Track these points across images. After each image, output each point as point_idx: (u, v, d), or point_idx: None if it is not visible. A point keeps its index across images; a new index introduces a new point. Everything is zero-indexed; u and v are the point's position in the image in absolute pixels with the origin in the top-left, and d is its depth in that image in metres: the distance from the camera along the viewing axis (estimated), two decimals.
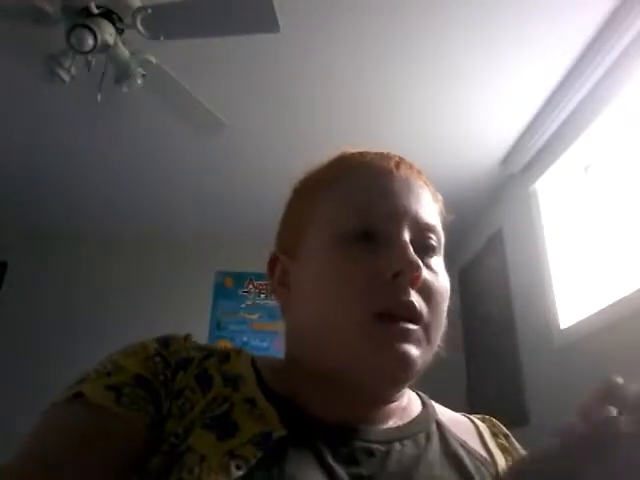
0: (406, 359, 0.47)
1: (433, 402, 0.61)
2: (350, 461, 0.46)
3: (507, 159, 2.78)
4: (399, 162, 0.59)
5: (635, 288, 1.87)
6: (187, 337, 0.55)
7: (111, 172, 3.08)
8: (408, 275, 0.48)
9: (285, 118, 2.56)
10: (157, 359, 0.50)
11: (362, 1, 1.92)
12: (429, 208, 0.56)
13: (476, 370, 3.24)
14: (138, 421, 0.46)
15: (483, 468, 0.52)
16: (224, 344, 3.58)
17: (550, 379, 2.39)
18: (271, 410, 0.48)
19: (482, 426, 0.60)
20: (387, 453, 0.48)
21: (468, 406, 3.16)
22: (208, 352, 0.54)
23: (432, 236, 0.54)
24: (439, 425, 0.56)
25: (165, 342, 0.53)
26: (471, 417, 0.62)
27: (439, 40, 2.07)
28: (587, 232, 2.38)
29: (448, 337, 0.62)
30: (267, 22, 1.72)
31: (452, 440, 0.54)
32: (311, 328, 0.51)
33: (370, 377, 0.48)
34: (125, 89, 2.01)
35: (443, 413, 0.59)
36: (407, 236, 0.51)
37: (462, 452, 0.53)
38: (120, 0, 1.82)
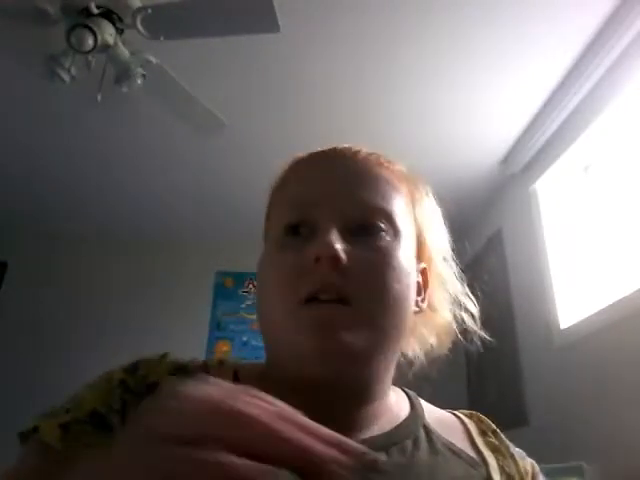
0: (337, 341, 0.46)
1: (422, 401, 0.60)
2: None
3: (507, 159, 2.78)
4: (344, 152, 0.57)
5: (635, 288, 1.87)
6: (163, 357, 0.53)
7: (111, 172, 3.08)
8: (325, 258, 0.47)
9: (285, 118, 2.56)
10: (118, 390, 0.49)
11: (362, 1, 1.92)
12: (374, 190, 0.53)
13: (476, 370, 3.24)
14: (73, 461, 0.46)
15: (473, 471, 0.52)
16: (223, 346, 3.58)
17: (550, 379, 2.39)
18: None
19: (470, 424, 0.59)
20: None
21: (468, 406, 3.16)
22: (185, 375, 0.51)
23: (372, 216, 0.51)
24: (427, 429, 0.55)
25: (134, 368, 0.52)
26: (459, 414, 0.61)
27: (439, 40, 2.07)
28: (587, 232, 2.38)
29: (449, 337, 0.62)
30: (267, 22, 1.73)
31: (440, 445, 0.53)
32: (261, 327, 0.52)
33: (309, 366, 0.47)
34: (125, 89, 2.01)
35: (431, 413, 0.58)
36: (333, 221, 0.50)
37: (451, 459, 0.52)
38: (120, 0, 1.82)
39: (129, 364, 0.52)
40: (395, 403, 0.56)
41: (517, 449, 0.59)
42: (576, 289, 2.36)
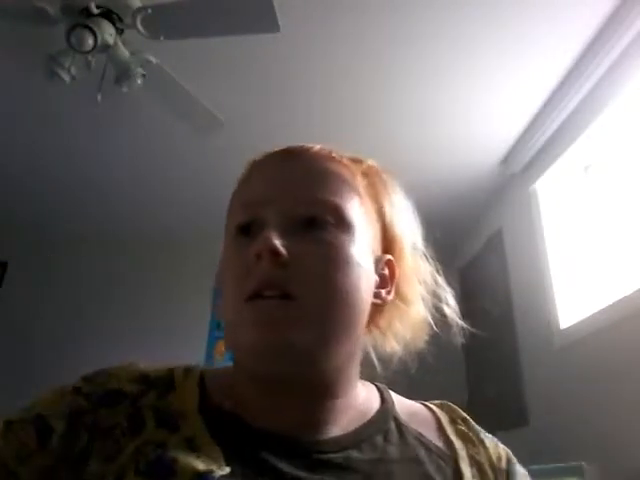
0: (279, 337, 0.46)
1: (393, 394, 0.60)
2: (306, 478, 0.46)
3: (507, 159, 2.78)
4: (294, 150, 0.57)
5: (635, 288, 1.87)
6: (128, 366, 0.54)
7: (111, 172, 3.08)
8: (264, 254, 0.47)
9: (285, 118, 2.56)
10: (69, 397, 0.50)
11: (362, 1, 1.92)
12: (321, 185, 0.53)
13: (476, 370, 3.24)
14: (8, 457, 0.46)
15: (443, 464, 0.52)
16: (223, 346, 3.58)
17: (550, 379, 2.39)
18: (212, 447, 0.46)
19: (440, 414, 0.59)
20: (344, 462, 0.48)
21: (468, 406, 3.15)
22: (147, 385, 0.52)
23: (318, 211, 0.51)
24: (397, 422, 0.55)
25: (94, 375, 0.52)
26: (429, 405, 0.61)
27: (439, 40, 2.07)
28: (587, 232, 2.38)
29: (448, 337, 0.62)
30: (267, 22, 1.73)
31: (411, 439, 0.53)
32: (224, 327, 0.53)
33: (257, 363, 0.48)
34: (125, 89, 2.01)
35: (402, 405, 0.58)
36: (277, 218, 0.50)
37: (422, 453, 0.52)
38: (120, 0, 1.82)
39: (90, 372, 0.53)
40: (365, 399, 0.56)
41: (489, 435, 0.59)
42: (576, 289, 2.36)
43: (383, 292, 0.56)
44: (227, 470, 0.44)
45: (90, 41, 1.75)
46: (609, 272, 2.18)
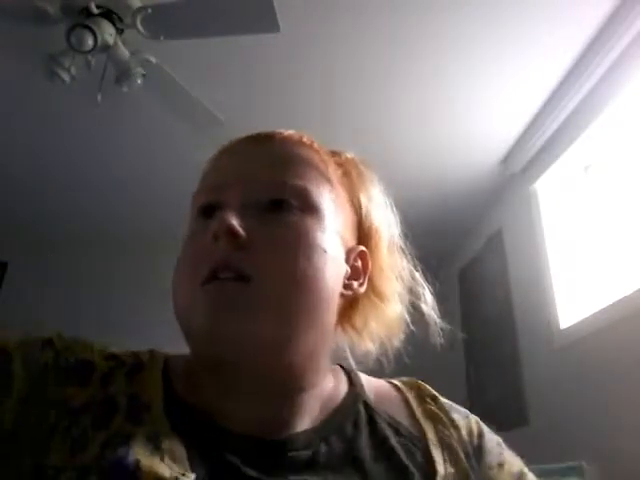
0: (233, 321, 0.43)
1: (362, 376, 0.58)
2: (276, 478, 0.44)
3: (507, 159, 2.78)
4: (263, 135, 0.55)
5: (635, 288, 1.87)
6: (95, 343, 0.51)
7: (111, 172, 3.08)
8: (221, 234, 0.45)
9: (285, 118, 2.55)
10: (39, 343, 0.47)
11: (362, 1, 1.92)
12: (287, 168, 0.51)
13: (476, 370, 3.24)
14: None
15: (414, 448, 0.50)
16: None
17: (550, 379, 2.39)
18: (177, 447, 0.43)
19: (408, 392, 0.57)
20: (312, 460, 0.46)
21: (468, 406, 3.15)
22: (117, 363, 0.49)
23: (282, 193, 0.49)
24: (367, 406, 0.53)
25: (69, 338, 0.50)
26: (397, 384, 0.59)
27: (439, 40, 2.07)
28: (587, 232, 2.38)
29: (448, 337, 0.62)
30: (267, 22, 1.73)
31: (381, 423, 0.51)
32: (174, 313, 0.50)
33: (212, 350, 0.45)
34: (125, 89, 2.01)
35: (370, 387, 0.56)
36: (237, 200, 0.48)
37: (392, 438, 0.50)
38: (120, 0, 1.82)
39: (68, 335, 0.50)
40: (333, 388, 0.53)
41: (460, 410, 0.57)
42: (576, 289, 2.36)
43: (355, 284, 0.53)
44: (192, 477, 0.41)
45: (90, 41, 1.75)
46: (609, 272, 2.18)
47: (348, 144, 0.62)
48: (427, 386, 0.59)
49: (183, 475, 0.40)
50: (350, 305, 0.56)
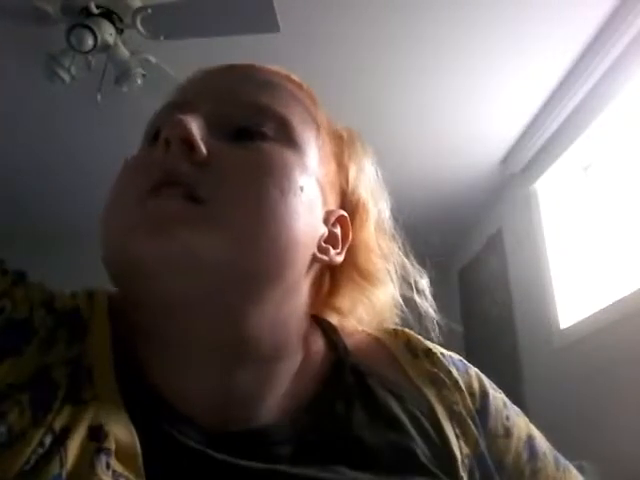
0: (176, 240, 0.34)
1: (340, 329, 0.49)
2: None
3: (507, 159, 2.78)
4: (246, 63, 0.47)
5: (635, 288, 1.87)
6: (40, 285, 0.39)
7: (111, 172, 3.07)
8: (173, 140, 0.36)
9: None
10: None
11: (362, 1, 1.92)
12: (272, 94, 0.43)
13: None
14: None
15: (424, 420, 0.42)
16: None
17: (550, 379, 2.39)
18: (126, 436, 0.32)
19: (395, 347, 0.48)
20: (299, 451, 0.37)
21: None
22: (55, 320, 0.37)
23: (257, 117, 0.41)
24: (357, 373, 0.43)
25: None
26: (379, 336, 0.50)
27: (439, 40, 2.07)
28: (587, 232, 2.38)
29: (448, 337, 0.60)
30: (267, 22, 1.73)
31: (378, 390, 0.42)
32: (100, 240, 0.39)
33: (149, 279, 0.35)
34: (125, 89, 2.01)
35: (354, 346, 0.47)
36: (197, 113, 0.39)
37: (394, 406, 0.41)
38: (120, 0, 1.82)
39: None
40: (307, 357, 0.44)
41: (456, 360, 0.49)
42: (576, 289, 2.36)
43: (332, 250, 0.44)
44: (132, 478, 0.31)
45: (90, 41, 1.75)
46: (609, 272, 2.18)
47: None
48: (418, 337, 0.50)
49: (126, 478, 0.31)
50: (330, 288, 0.49)
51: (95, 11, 1.77)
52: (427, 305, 0.51)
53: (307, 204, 0.41)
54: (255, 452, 0.36)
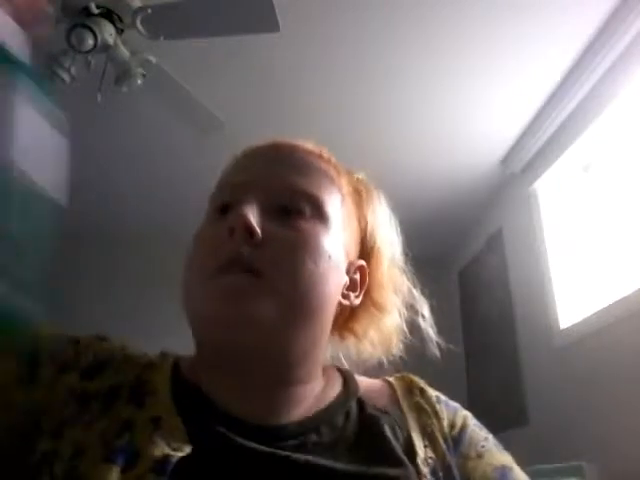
0: (242, 307, 0.47)
1: (358, 377, 0.60)
2: (261, 464, 0.46)
3: (507, 159, 2.78)
4: (284, 143, 0.58)
5: (635, 288, 1.87)
6: (103, 338, 0.55)
7: (111, 172, 3.08)
8: (237, 229, 0.48)
9: (285, 118, 2.56)
10: (65, 338, 0.52)
11: (362, 1, 1.92)
12: (305, 176, 0.54)
13: (476, 370, 3.24)
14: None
15: (398, 430, 0.52)
16: None
17: (550, 379, 2.39)
18: (177, 425, 0.46)
19: (397, 386, 0.59)
20: (302, 446, 0.48)
21: (468, 406, 3.15)
22: (131, 363, 0.52)
23: (297, 198, 0.52)
24: (361, 402, 0.55)
25: (88, 338, 0.54)
26: (390, 380, 0.61)
27: (439, 40, 2.07)
28: (587, 232, 2.38)
29: (448, 337, 0.62)
30: (267, 22, 1.73)
31: (370, 410, 0.53)
32: (182, 303, 0.52)
33: (217, 332, 0.48)
34: (125, 89, 2.01)
35: (364, 386, 0.58)
36: (255, 199, 0.51)
37: (381, 419, 0.52)
38: (120, 0, 1.82)
39: (96, 335, 0.55)
40: (326, 388, 0.56)
41: (450, 404, 0.58)
42: (576, 289, 2.36)
43: (352, 295, 0.57)
44: (187, 450, 0.44)
45: (90, 41, 1.75)
46: (609, 272, 2.18)
47: (348, 143, 0.63)
48: (418, 380, 0.60)
49: (180, 449, 0.43)
50: (349, 316, 0.60)
51: (95, 11, 1.77)
52: (430, 330, 0.64)
53: (334, 266, 0.53)
54: (270, 442, 0.47)
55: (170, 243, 3.83)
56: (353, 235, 0.58)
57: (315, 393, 0.54)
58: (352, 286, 0.57)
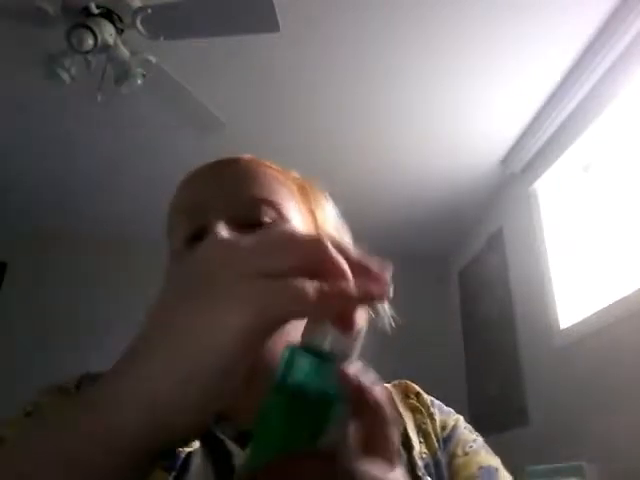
0: None
1: None
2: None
3: (507, 159, 2.78)
4: (228, 160, 0.61)
5: (635, 288, 1.87)
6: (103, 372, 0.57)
7: (111, 172, 3.08)
8: None
9: (285, 118, 2.56)
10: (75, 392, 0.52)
11: (362, 1, 1.92)
12: (259, 185, 0.56)
13: (476, 370, 3.24)
14: None
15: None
16: None
17: (550, 379, 2.39)
18: None
19: (393, 391, 0.61)
20: None
21: (468, 406, 3.16)
22: None
23: (259, 209, 0.54)
24: None
25: (79, 381, 0.55)
26: (388, 386, 0.63)
27: (439, 40, 2.07)
28: (587, 232, 2.38)
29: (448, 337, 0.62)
30: (267, 22, 1.73)
31: None
32: None
33: None
34: (125, 89, 2.01)
35: None
36: (221, 221, 0.52)
37: None
38: (120, 0, 1.82)
39: (80, 375, 0.56)
40: None
41: (444, 408, 0.60)
42: (576, 289, 2.36)
43: None
44: (195, 445, 0.45)
45: (90, 41, 1.75)
46: (609, 272, 2.18)
47: (348, 143, 0.62)
48: (414, 385, 0.62)
49: (187, 445, 0.45)
50: None
51: (95, 11, 1.77)
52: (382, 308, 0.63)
53: None
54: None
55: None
56: (308, 228, 0.60)
57: None
58: None
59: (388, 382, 0.64)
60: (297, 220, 0.57)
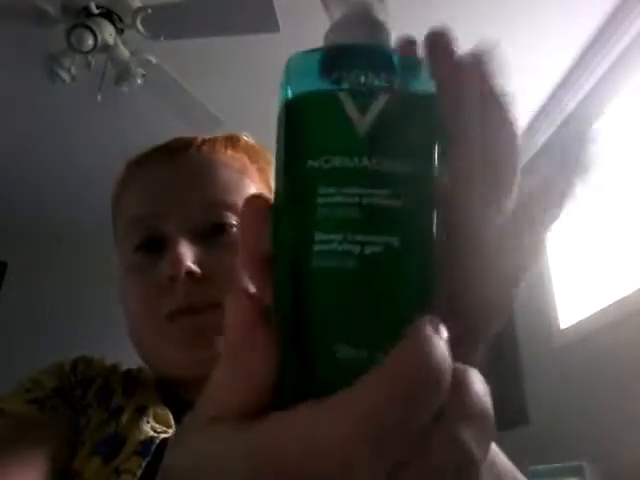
0: (212, 348, 0.46)
1: None
2: None
3: None
4: (176, 147, 0.55)
5: (635, 288, 1.87)
6: (96, 359, 0.57)
7: (111, 172, 3.08)
8: (178, 277, 0.46)
9: None
10: (72, 378, 0.52)
11: None
12: (215, 184, 0.52)
13: None
14: (63, 426, 0.47)
15: None
16: None
17: (550, 379, 2.39)
18: (162, 412, 0.48)
19: None
20: None
21: None
22: (114, 369, 0.55)
23: (219, 214, 0.50)
24: None
25: (75, 362, 0.55)
26: None
27: None
28: (587, 231, 2.38)
29: None
30: (267, 22, 1.73)
31: None
32: (132, 343, 0.53)
33: (183, 371, 0.48)
34: (125, 89, 2.01)
35: None
36: (179, 230, 0.49)
37: None
38: (120, 0, 1.82)
39: (73, 359, 0.56)
40: None
41: None
42: (576, 289, 2.35)
43: None
44: (171, 431, 0.45)
45: (90, 41, 1.75)
46: (609, 272, 2.18)
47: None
48: None
49: (164, 432, 0.45)
50: None
51: (95, 11, 1.77)
52: None
53: None
54: None
55: None
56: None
57: None
58: None
59: None
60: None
